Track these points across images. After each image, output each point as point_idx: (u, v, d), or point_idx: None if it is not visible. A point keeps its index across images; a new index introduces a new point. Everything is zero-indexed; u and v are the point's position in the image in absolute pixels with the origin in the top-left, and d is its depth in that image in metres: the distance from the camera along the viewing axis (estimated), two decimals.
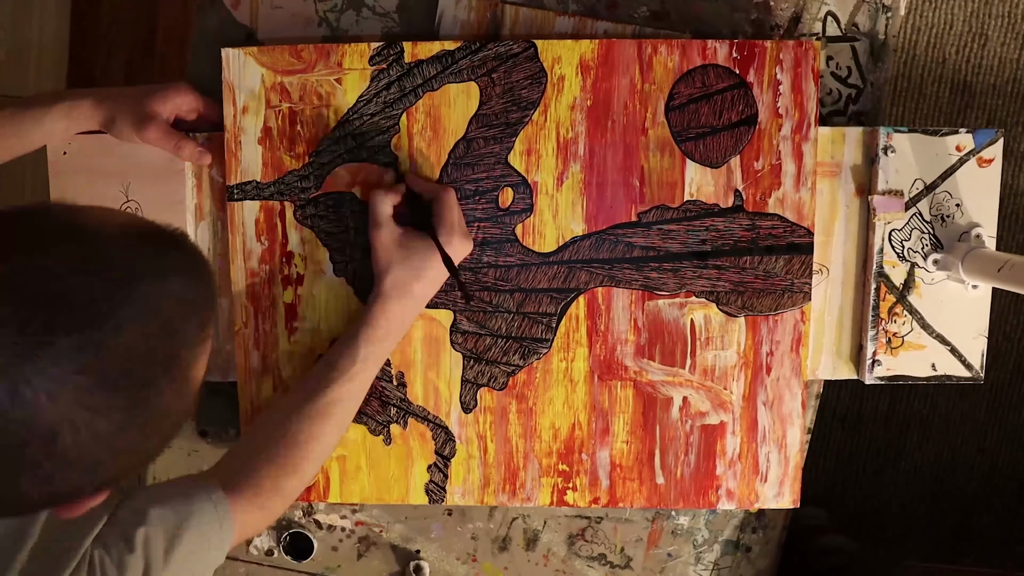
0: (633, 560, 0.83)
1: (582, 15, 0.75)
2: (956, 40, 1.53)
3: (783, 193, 0.73)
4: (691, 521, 0.82)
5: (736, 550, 0.83)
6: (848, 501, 1.61)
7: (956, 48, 1.53)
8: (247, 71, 0.74)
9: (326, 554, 0.83)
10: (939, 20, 1.52)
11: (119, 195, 0.75)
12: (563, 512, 0.82)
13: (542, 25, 0.75)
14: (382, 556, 0.83)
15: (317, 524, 0.83)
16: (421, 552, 0.83)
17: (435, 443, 0.76)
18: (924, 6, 1.52)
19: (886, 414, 1.60)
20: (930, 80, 1.54)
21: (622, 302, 0.74)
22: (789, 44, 0.72)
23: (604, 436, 0.76)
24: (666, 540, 0.82)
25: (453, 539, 0.83)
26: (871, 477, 1.62)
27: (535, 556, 0.83)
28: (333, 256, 0.75)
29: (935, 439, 1.61)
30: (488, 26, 0.75)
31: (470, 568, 0.83)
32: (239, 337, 0.76)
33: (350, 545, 0.83)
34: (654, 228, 0.74)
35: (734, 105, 0.72)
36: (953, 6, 1.52)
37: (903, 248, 0.75)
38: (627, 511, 0.82)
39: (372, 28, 0.77)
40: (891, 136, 0.73)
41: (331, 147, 0.74)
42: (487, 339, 0.75)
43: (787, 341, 0.74)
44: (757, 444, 0.75)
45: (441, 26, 0.75)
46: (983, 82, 1.54)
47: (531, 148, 0.73)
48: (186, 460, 0.82)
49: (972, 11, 1.52)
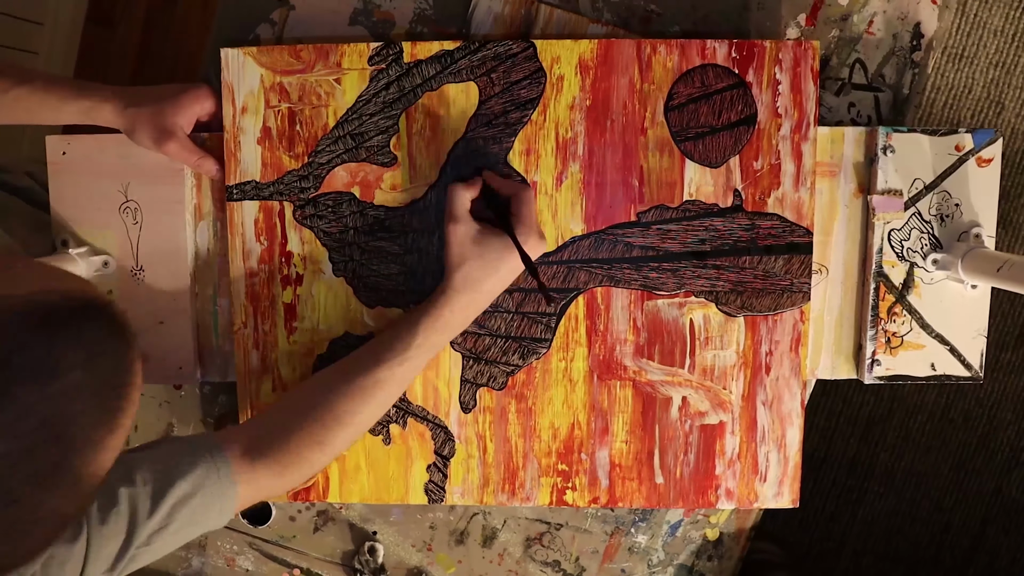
0: (586, 571, 0.83)
1: (615, 25, 0.75)
2: (973, 105, 1.56)
3: (782, 193, 0.73)
4: (649, 540, 0.82)
5: (689, 575, 0.83)
6: (803, 540, 1.63)
7: (972, 113, 1.57)
8: (246, 71, 0.74)
9: (283, 523, 0.83)
10: (960, 83, 1.55)
11: (118, 195, 0.75)
12: (524, 514, 0.82)
13: (574, 29, 0.75)
14: (338, 532, 0.83)
15: None
16: (378, 534, 0.83)
17: (434, 443, 0.76)
18: (947, 67, 1.55)
19: (852, 459, 1.63)
20: None
21: (621, 302, 0.74)
22: (788, 44, 0.72)
23: (603, 436, 0.76)
24: (622, 556, 0.82)
25: (411, 526, 0.83)
26: (828, 520, 1.64)
27: (490, 554, 0.83)
28: (332, 256, 0.75)
29: (896, 492, 1.64)
30: (521, 23, 0.75)
31: (424, 556, 0.83)
32: (238, 337, 0.76)
33: (308, 517, 0.83)
34: (653, 228, 0.74)
35: (733, 105, 0.72)
36: (975, 71, 1.55)
37: (902, 248, 0.75)
38: (587, 521, 0.82)
39: (405, 6, 0.76)
40: (890, 136, 0.73)
41: (330, 147, 0.74)
42: (486, 339, 0.75)
43: (786, 341, 0.74)
44: (756, 444, 0.75)
45: (474, 16, 0.75)
46: None
47: (530, 148, 0.73)
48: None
49: (992, 79, 1.55)
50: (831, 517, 1.64)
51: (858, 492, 1.64)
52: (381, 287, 0.75)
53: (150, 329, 0.76)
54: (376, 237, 0.75)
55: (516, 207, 0.68)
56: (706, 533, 0.82)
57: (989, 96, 1.55)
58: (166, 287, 0.76)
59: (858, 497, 1.64)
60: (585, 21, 0.75)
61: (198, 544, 0.84)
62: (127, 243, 0.76)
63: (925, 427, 1.62)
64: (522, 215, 0.67)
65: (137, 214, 0.76)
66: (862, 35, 0.76)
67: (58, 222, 0.76)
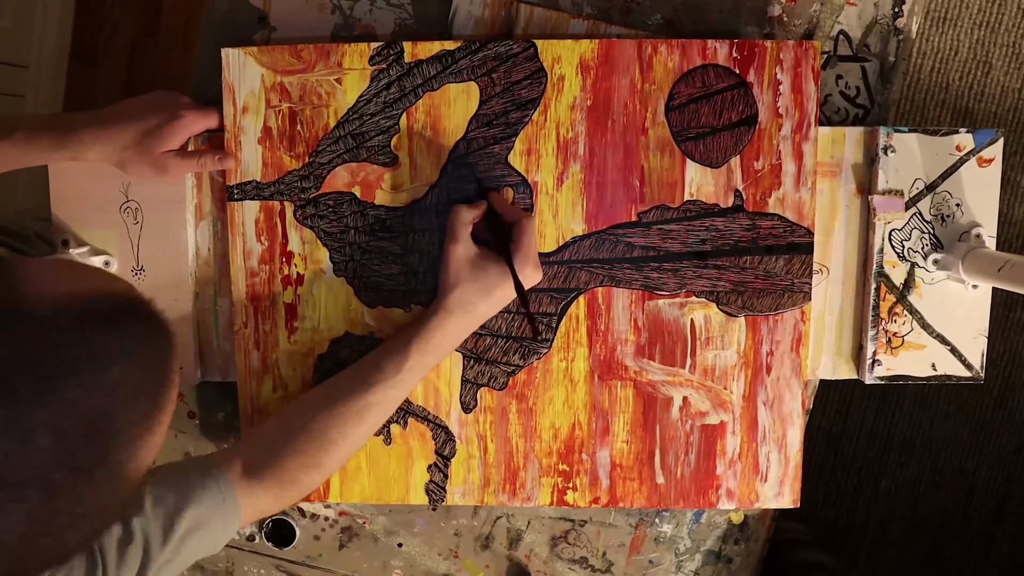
0: (615, 565, 0.83)
1: (596, 19, 0.75)
2: (960, 67, 1.55)
3: (783, 193, 0.73)
4: (674, 529, 0.82)
5: (717, 560, 0.83)
6: (828, 516, 1.63)
7: (960, 75, 1.55)
8: (247, 71, 0.74)
9: (308, 543, 0.83)
10: (945, 46, 1.54)
11: (119, 195, 0.75)
12: (547, 514, 0.82)
13: (556, 26, 0.75)
14: (364, 547, 0.83)
15: (300, 512, 0.83)
16: (403, 546, 0.83)
17: (435, 443, 0.76)
18: (932, 31, 1.54)
19: (870, 431, 1.62)
20: (933, 105, 1.55)
21: (622, 302, 0.74)
22: (789, 44, 0.72)
23: (604, 436, 0.76)
24: (648, 547, 0.82)
25: (436, 535, 0.83)
26: (852, 493, 1.64)
27: (517, 556, 0.83)
28: (333, 256, 0.75)
29: (917, 458, 1.63)
30: (502, 24, 0.75)
31: (451, 564, 0.83)
32: (239, 337, 0.76)
33: (332, 535, 0.83)
34: (654, 228, 0.74)
35: (734, 105, 0.72)
36: (960, 33, 1.54)
37: (903, 248, 0.75)
38: (611, 515, 0.82)
39: (385, 18, 0.76)
40: (891, 136, 0.73)
41: (331, 147, 0.74)
42: (487, 339, 0.75)
43: (787, 341, 0.74)
44: (757, 444, 0.75)
45: (455, 21, 0.75)
46: (985, 109, 1.55)
47: (531, 148, 0.73)
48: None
49: (978, 39, 1.54)
50: (855, 490, 1.63)
51: (879, 463, 1.63)
52: (382, 287, 0.75)
53: None
54: (377, 237, 0.75)
55: (517, 235, 0.68)
56: (731, 517, 0.82)
57: (976, 57, 1.54)
58: (167, 287, 0.76)
59: (879, 468, 1.63)
60: (566, 17, 0.75)
61: (225, 572, 0.84)
62: (127, 243, 0.76)
63: (940, 392, 1.62)
64: (522, 244, 0.68)
65: (138, 214, 0.76)
66: (843, 5, 0.75)
67: (58, 222, 0.76)
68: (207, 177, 0.77)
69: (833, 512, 1.63)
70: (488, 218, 0.71)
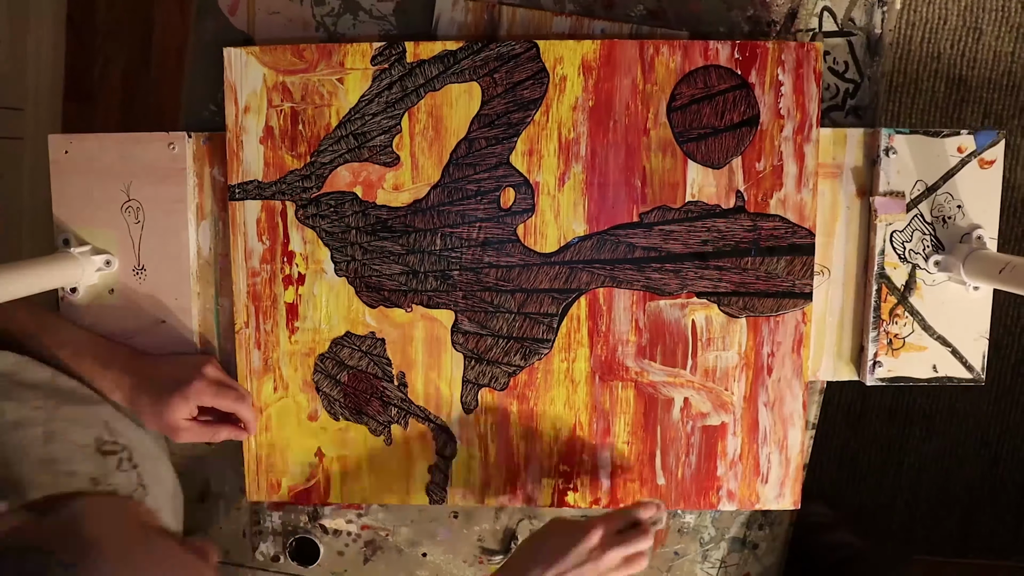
0: None
1: (579, 15, 0.75)
2: (951, 35, 1.53)
3: (784, 194, 0.73)
4: (697, 519, 0.82)
5: (743, 547, 0.83)
6: (853, 497, 1.61)
7: (951, 43, 1.54)
8: (249, 71, 0.74)
9: (332, 559, 0.83)
10: (933, 15, 1.53)
11: (120, 194, 0.75)
12: (569, 512, 0.82)
13: (539, 25, 0.75)
14: (388, 560, 0.83)
15: (323, 529, 0.83)
16: (428, 555, 0.83)
17: (436, 443, 0.76)
18: (919, 1, 1.52)
19: (890, 409, 1.60)
20: (925, 75, 1.55)
21: (623, 303, 0.74)
22: (791, 45, 0.72)
23: (605, 437, 0.76)
24: (673, 538, 0.82)
25: (459, 543, 0.83)
26: (875, 473, 1.61)
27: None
28: (334, 256, 0.75)
29: (939, 433, 1.61)
30: (485, 27, 0.75)
31: (477, 570, 0.83)
32: (240, 337, 0.76)
33: (356, 549, 0.83)
34: (656, 229, 0.74)
35: (736, 106, 0.73)
36: (948, 1, 1.52)
37: (904, 249, 0.75)
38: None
39: (369, 31, 0.77)
40: (892, 138, 0.73)
41: (333, 147, 0.74)
42: (488, 339, 0.75)
43: (788, 342, 0.74)
44: (758, 445, 0.75)
45: (438, 28, 0.75)
46: (978, 76, 1.54)
47: (533, 148, 0.73)
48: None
49: (966, 5, 1.52)
50: (879, 469, 1.61)
51: (900, 440, 1.61)
52: (383, 287, 0.75)
53: (151, 328, 0.76)
54: (378, 237, 0.75)
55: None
56: None
57: (965, 24, 1.52)
58: (168, 286, 0.76)
59: (902, 445, 1.61)
60: (549, 15, 0.75)
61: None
62: (129, 242, 0.76)
63: None
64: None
65: (139, 213, 0.75)
66: None
67: (60, 222, 0.76)
68: (208, 177, 0.77)
69: (858, 493, 1.61)
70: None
